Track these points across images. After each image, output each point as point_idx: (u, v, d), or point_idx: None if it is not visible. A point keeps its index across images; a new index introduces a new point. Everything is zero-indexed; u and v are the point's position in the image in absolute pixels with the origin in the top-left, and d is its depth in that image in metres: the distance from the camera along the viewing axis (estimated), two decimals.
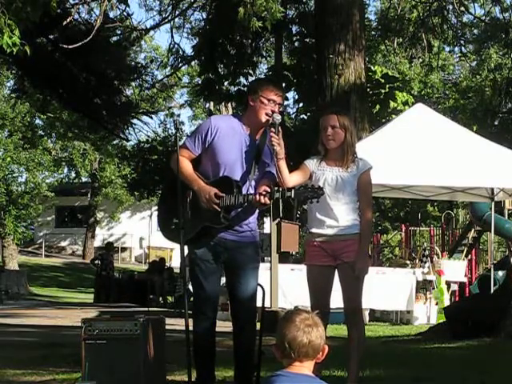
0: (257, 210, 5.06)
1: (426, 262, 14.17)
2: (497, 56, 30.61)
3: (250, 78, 20.70)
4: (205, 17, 21.09)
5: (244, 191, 4.88)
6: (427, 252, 14.94)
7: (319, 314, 4.90)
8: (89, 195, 43.06)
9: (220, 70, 19.82)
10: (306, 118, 23.78)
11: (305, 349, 2.92)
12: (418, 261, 14.61)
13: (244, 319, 5.01)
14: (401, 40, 25.12)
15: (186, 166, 4.97)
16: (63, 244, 45.00)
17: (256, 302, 5.09)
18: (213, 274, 4.97)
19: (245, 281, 4.97)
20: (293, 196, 4.77)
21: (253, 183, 4.96)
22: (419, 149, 11.56)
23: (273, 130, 4.87)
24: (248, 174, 4.92)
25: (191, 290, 5.19)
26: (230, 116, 5.15)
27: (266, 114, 4.89)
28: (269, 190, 4.80)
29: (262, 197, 4.76)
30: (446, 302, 12.90)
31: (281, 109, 5.06)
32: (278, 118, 4.90)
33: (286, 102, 25.60)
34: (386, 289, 12.74)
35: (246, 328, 5.02)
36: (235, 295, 5.01)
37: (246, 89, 20.51)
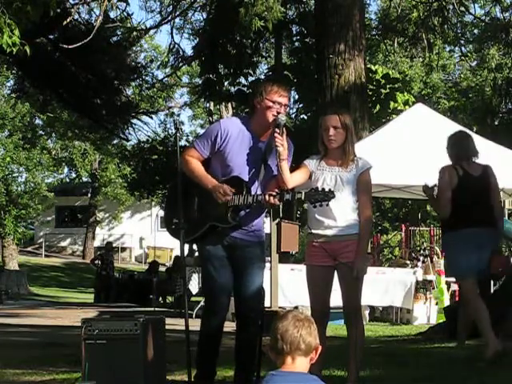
0: (264, 211, 5.08)
1: (424, 262, 14.18)
2: (498, 55, 30.60)
3: (250, 78, 20.72)
4: (205, 17, 21.08)
5: (253, 192, 4.91)
6: (427, 252, 14.93)
7: (319, 313, 4.93)
8: (89, 195, 43.07)
9: (220, 70, 19.81)
10: (305, 118, 23.80)
11: (296, 341, 2.96)
12: (416, 260, 14.62)
13: (249, 318, 5.02)
14: (401, 40, 25.12)
15: (197, 165, 5.00)
16: (63, 244, 45.00)
17: (260, 301, 5.11)
18: (225, 269, 4.98)
19: (251, 279, 4.98)
20: (303, 198, 4.79)
21: (261, 184, 4.98)
22: (419, 149, 11.55)
23: (277, 130, 4.89)
24: (256, 175, 4.96)
25: (191, 290, 5.19)
26: (237, 118, 5.15)
27: (273, 116, 4.91)
28: (278, 191, 4.82)
29: (271, 198, 4.78)
30: (446, 302, 12.89)
31: (287, 109, 5.09)
32: (282, 118, 4.92)
33: None
34: (386, 288, 12.75)
35: (250, 328, 5.02)
36: (241, 294, 5.01)
37: (246, 89, 20.54)
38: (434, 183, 6.73)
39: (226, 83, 20.66)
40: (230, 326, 5.21)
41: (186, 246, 5.07)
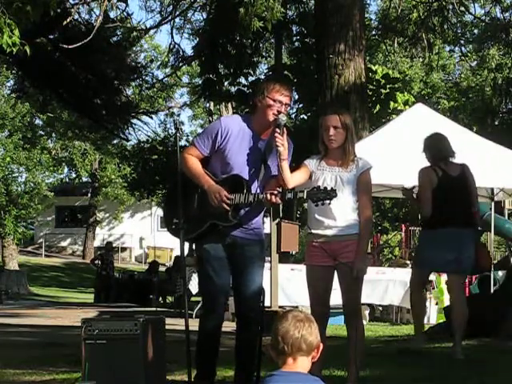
0: (263, 209, 5.08)
1: None
2: (498, 55, 30.59)
3: (250, 78, 20.73)
4: (205, 17, 21.08)
5: (253, 190, 4.91)
6: None
7: (319, 313, 4.94)
8: (89, 195, 43.07)
9: (220, 71, 19.82)
10: (306, 118, 23.79)
11: (297, 342, 2.96)
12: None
13: (249, 318, 5.01)
14: (401, 40, 25.12)
15: (196, 164, 4.99)
16: (63, 244, 45.00)
17: (260, 301, 5.11)
18: (223, 270, 4.97)
19: (251, 279, 4.97)
20: (305, 197, 4.79)
21: (260, 184, 4.97)
22: (419, 149, 11.52)
23: (277, 130, 4.89)
24: (256, 174, 4.95)
25: (191, 290, 5.18)
26: (238, 116, 5.16)
27: (273, 115, 4.90)
28: (280, 189, 4.82)
29: (273, 196, 4.77)
30: (446, 302, 12.88)
31: (288, 108, 5.08)
32: (283, 118, 4.91)
33: None
34: (386, 288, 12.75)
35: (251, 327, 5.02)
36: (241, 294, 5.01)
37: (246, 89, 20.54)
38: (413, 185, 6.97)
39: (226, 83, 20.67)
40: (229, 326, 5.21)
41: (186, 246, 5.07)
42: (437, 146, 6.86)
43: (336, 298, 5.19)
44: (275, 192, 4.80)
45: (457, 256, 6.61)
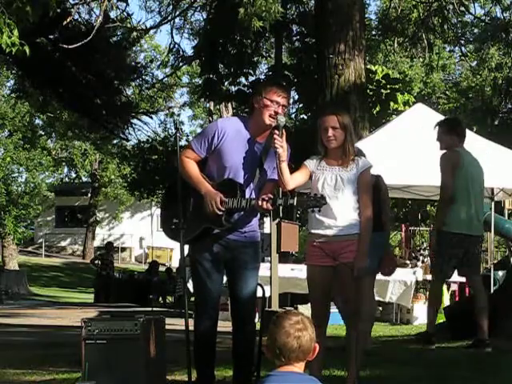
0: (258, 212, 5.07)
1: (424, 262, 14.17)
2: (497, 55, 30.59)
3: (250, 78, 20.73)
4: (205, 17, 21.09)
5: (247, 194, 4.90)
6: (427, 252, 14.92)
7: (319, 313, 4.94)
8: (89, 195, 43.08)
9: (220, 71, 19.82)
10: (305, 118, 23.79)
11: (295, 353, 3.00)
12: (416, 260, 14.61)
13: (244, 319, 5.02)
14: (401, 40, 25.13)
15: (192, 167, 4.98)
16: (63, 244, 45.01)
17: (255, 301, 5.11)
18: (216, 273, 4.98)
19: (246, 280, 4.98)
20: (295, 204, 4.78)
21: (257, 186, 4.96)
22: (419, 149, 11.53)
23: (276, 132, 4.87)
24: (252, 177, 4.93)
25: (191, 289, 5.18)
26: (236, 118, 5.14)
27: (270, 116, 4.89)
28: (272, 196, 4.81)
29: (264, 202, 4.76)
30: (446, 302, 12.88)
31: (285, 110, 5.05)
32: (282, 119, 4.89)
33: None
34: (386, 288, 12.74)
35: (246, 328, 5.02)
36: (236, 295, 5.01)
37: (246, 89, 20.54)
38: None
39: (226, 83, 20.66)
40: (229, 326, 5.21)
41: (186, 246, 5.07)
42: None
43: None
44: (266, 198, 4.79)
45: (371, 258, 7.11)
